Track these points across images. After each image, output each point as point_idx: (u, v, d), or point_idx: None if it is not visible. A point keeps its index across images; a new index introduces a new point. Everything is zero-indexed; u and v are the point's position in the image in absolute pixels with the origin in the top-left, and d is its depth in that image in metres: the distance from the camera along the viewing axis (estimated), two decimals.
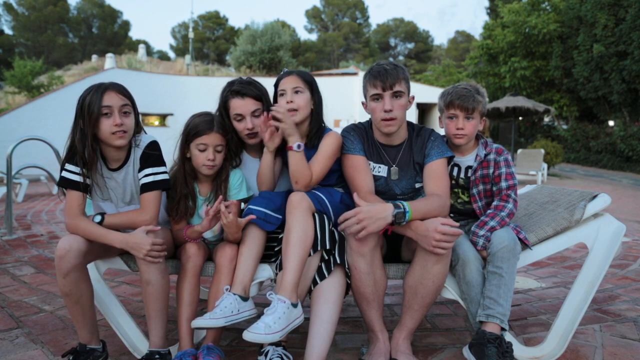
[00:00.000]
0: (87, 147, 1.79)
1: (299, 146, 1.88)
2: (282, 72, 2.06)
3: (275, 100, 2.05)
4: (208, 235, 2.00)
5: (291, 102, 1.96)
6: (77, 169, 1.83)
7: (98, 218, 1.83)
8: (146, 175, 1.88)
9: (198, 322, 1.72)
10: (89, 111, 1.76)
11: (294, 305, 1.69)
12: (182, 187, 2.01)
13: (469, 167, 2.12)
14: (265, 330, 1.58)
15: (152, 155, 1.91)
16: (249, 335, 1.57)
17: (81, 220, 1.80)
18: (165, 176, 1.92)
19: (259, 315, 1.72)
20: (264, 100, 2.09)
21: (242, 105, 2.05)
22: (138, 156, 1.90)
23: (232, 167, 2.11)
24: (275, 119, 1.88)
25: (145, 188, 1.87)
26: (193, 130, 1.99)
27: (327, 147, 1.98)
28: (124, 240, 1.76)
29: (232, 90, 2.07)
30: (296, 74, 2.02)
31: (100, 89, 1.78)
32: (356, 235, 1.73)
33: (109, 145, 1.83)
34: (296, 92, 1.98)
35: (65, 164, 1.83)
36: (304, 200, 1.82)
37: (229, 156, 2.08)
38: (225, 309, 1.73)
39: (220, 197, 1.89)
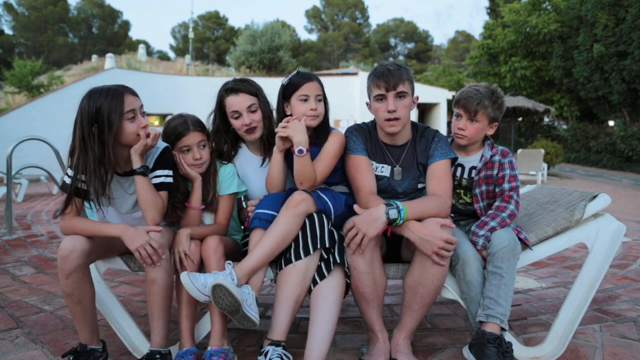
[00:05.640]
0: (107, 154, 1.76)
1: (300, 151, 1.88)
2: (295, 73, 2.04)
3: (283, 101, 2.03)
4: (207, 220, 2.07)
5: (315, 109, 1.98)
6: (79, 176, 1.81)
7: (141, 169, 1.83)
8: (157, 177, 1.89)
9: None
10: (110, 118, 1.73)
11: (238, 286, 1.71)
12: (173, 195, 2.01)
13: (473, 167, 2.12)
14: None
15: (166, 159, 1.93)
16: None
17: (76, 221, 1.81)
18: (172, 180, 1.94)
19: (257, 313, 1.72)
20: (259, 95, 2.13)
21: (237, 102, 2.08)
22: (151, 160, 1.91)
23: (225, 163, 2.13)
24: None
25: (155, 188, 1.88)
26: (172, 134, 2.01)
27: (331, 146, 2.00)
28: (122, 228, 1.77)
29: (226, 89, 2.12)
30: (317, 80, 2.02)
31: (117, 94, 1.75)
32: (361, 245, 1.74)
33: (129, 147, 1.83)
34: (319, 99, 2.00)
35: (69, 170, 1.83)
36: (303, 203, 1.82)
37: (226, 151, 2.11)
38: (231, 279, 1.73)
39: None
